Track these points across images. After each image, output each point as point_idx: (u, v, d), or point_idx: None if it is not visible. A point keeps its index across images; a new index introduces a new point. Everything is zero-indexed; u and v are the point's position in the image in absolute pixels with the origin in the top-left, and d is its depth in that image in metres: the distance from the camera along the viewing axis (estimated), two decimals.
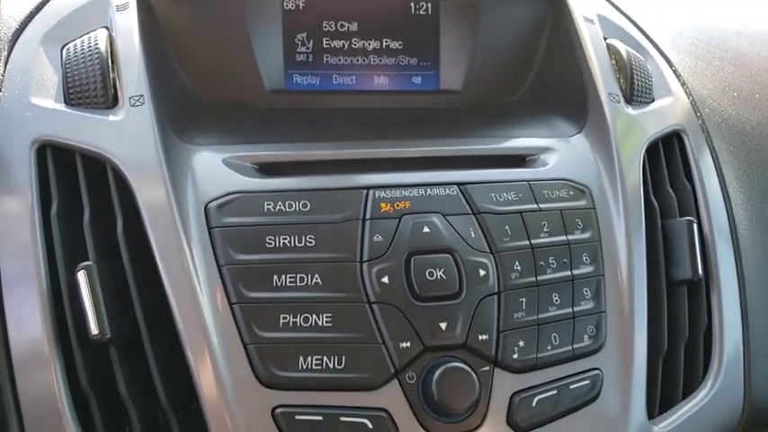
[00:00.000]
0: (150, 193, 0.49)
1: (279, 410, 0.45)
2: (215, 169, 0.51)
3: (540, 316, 0.51)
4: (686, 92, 0.69)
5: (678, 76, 0.70)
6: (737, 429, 0.59)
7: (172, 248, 0.48)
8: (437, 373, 0.47)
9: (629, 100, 0.63)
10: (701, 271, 0.58)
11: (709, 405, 0.56)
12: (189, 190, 0.50)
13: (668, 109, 0.66)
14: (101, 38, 0.54)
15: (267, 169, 0.53)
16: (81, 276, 0.46)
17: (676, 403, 0.56)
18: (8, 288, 0.47)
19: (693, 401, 0.56)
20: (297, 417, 0.45)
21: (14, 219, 0.49)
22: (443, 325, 0.48)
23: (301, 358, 0.46)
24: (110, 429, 0.47)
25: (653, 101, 0.65)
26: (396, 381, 0.47)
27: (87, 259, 0.47)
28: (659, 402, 0.55)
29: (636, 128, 0.62)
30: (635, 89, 0.63)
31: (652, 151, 0.62)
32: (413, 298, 0.48)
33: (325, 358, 0.47)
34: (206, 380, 0.46)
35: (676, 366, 0.57)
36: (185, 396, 0.47)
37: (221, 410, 0.45)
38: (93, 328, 0.46)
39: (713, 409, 0.56)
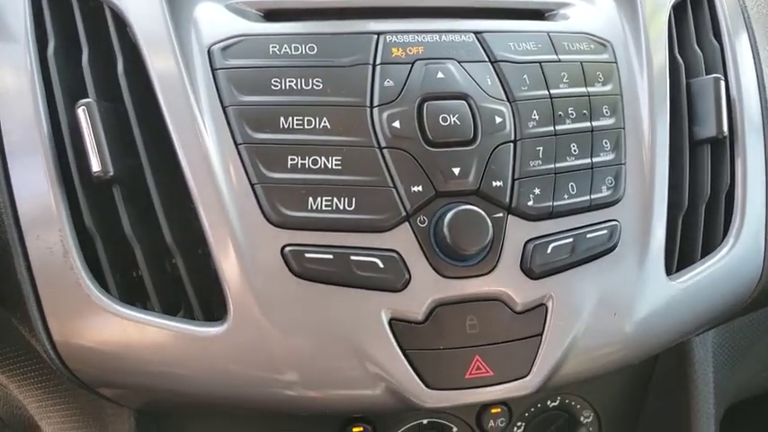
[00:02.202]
0: (151, 34, 0.46)
1: (288, 249, 0.45)
2: (218, 14, 0.49)
3: (558, 165, 0.49)
4: None
5: None
6: (755, 292, 0.58)
7: (174, 89, 0.46)
8: (449, 215, 0.45)
9: None
10: (725, 128, 0.56)
11: (727, 265, 0.55)
12: (191, 33, 0.48)
13: None
14: None
15: (272, 15, 0.50)
16: (81, 113, 0.45)
17: (695, 262, 0.55)
18: (8, 132, 0.46)
19: (712, 260, 0.54)
20: (307, 255, 0.45)
21: (10, 61, 0.47)
22: (456, 170, 0.47)
23: (311, 199, 0.45)
24: (116, 270, 0.46)
25: None
26: (407, 224, 0.46)
27: (87, 98, 0.46)
28: (677, 260, 0.54)
29: None
30: None
31: (679, 8, 0.59)
32: (425, 143, 0.47)
33: (334, 199, 0.45)
34: (213, 220, 0.45)
35: (696, 225, 0.55)
36: (192, 240, 0.46)
37: (229, 251, 0.44)
38: (95, 165, 0.44)
39: (732, 269, 0.55)
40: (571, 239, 0.48)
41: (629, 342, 0.50)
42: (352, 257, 0.45)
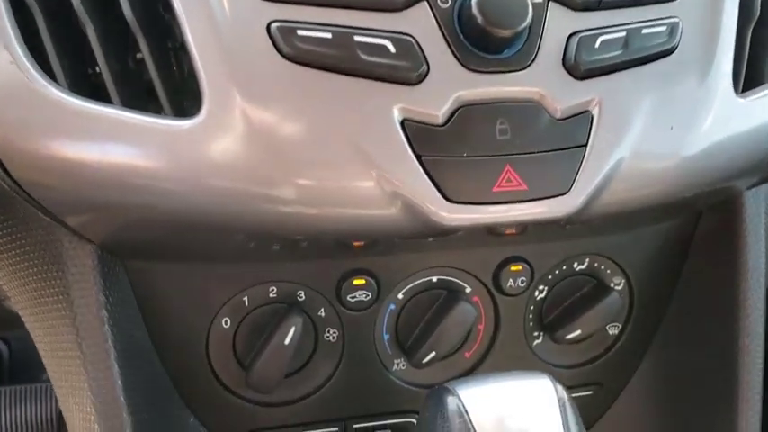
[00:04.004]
0: None
1: (276, 25, 0.35)
2: None
3: None
4: None
5: None
6: None
7: None
8: None
9: None
10: None
11: None
12: None
13: None
14: None
15: None
16: None
17: (763, 83, 0.46)
18: None
19: None
20: (299, 32, 0.35)
21: None
22: None
23: None
24: (64, 56, 0.37)
25: None
26: (425, 2, 0.37)
27: None
28: (743, 81, 0.46)
29: None
30: None
31: None
32: None
33: None
34: None
35: (766, 40, 0.47)
36: (157, 19, 0.37)
37: (204, 27, 0.35)
38: None
39: None
40: (623, 33, 0.40)
41: (685, 165, 0.42)
42: (357, 38, 0.36)
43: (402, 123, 0.37)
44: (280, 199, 0.38)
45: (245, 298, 0.49)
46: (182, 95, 0.38)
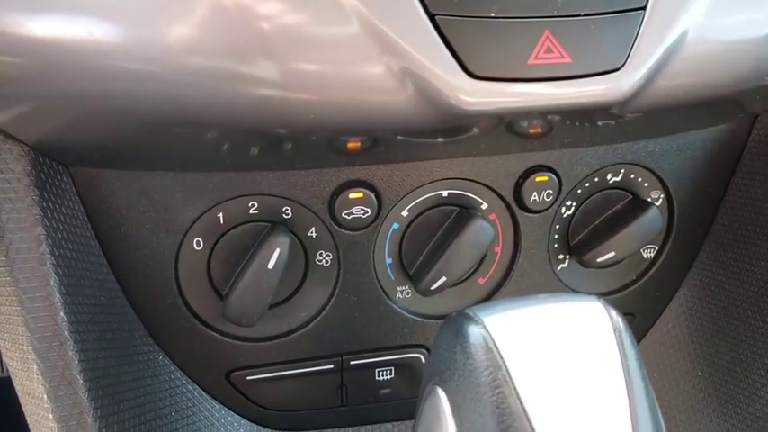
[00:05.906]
0: None
1: None
2: None
3: None
4: None
5: None
6: None
7: None
8: None
9: None
10: None
11: None
12: None
13: None
14: None
15: None
16: None
17: None
18: None
19: None
20: None
21: None
22: None
23: None
24: None
25: None
26: None
27: None
28: None
29: None
30: None
31: None
32: None
33: None
34: None
35: None
36: None
37: None
38: None
39: None
40: None
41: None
42: None
43: None
44: (254, 79, 0.29)
45: (221, 214, 0.42)
46: None
